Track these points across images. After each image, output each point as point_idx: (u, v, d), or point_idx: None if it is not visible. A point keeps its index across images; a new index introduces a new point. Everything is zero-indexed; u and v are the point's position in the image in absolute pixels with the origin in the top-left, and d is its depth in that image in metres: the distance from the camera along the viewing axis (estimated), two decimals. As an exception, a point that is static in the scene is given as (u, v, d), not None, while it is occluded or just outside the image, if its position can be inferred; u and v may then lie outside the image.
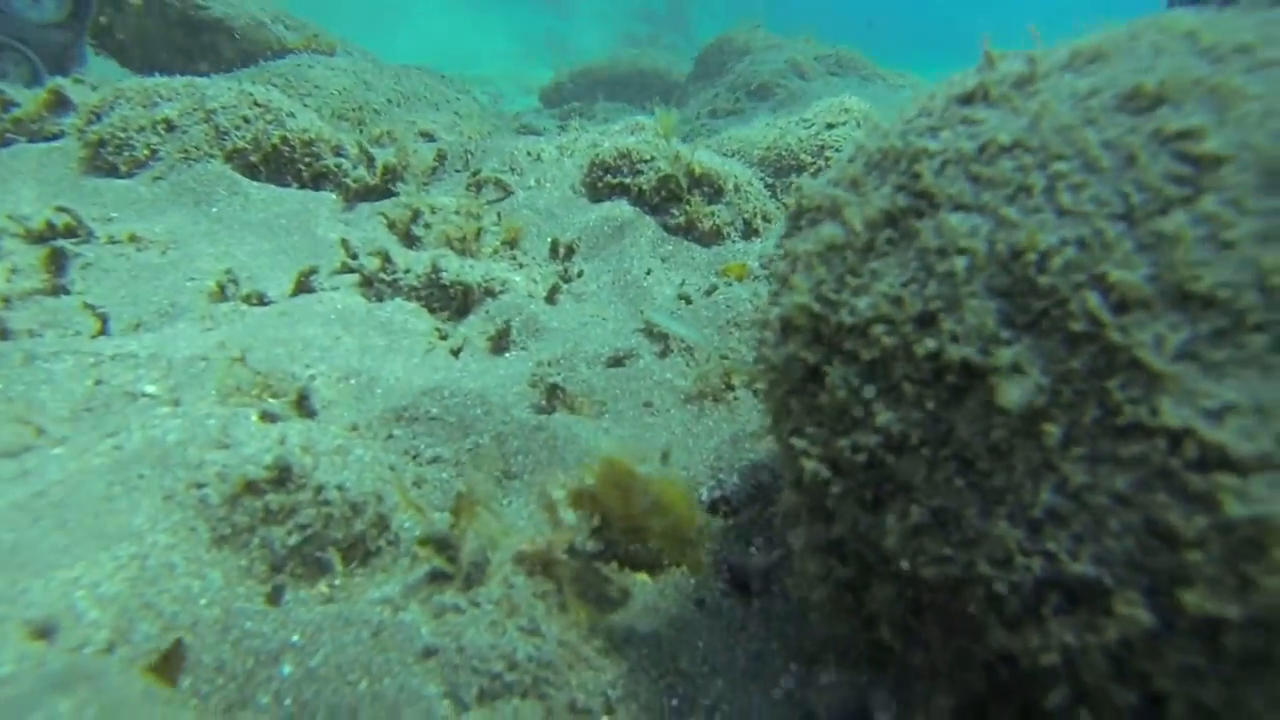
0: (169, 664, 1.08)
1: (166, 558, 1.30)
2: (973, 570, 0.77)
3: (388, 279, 2.48)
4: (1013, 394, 0.74)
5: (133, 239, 2.69)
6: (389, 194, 3.17)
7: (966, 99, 1.01)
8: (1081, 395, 0.74)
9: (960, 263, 0.84)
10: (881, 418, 0.85)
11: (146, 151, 3.04)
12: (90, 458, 1.52)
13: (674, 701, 1.11)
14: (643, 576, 1.41)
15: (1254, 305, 0.70)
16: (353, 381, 2.03)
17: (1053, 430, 0.74)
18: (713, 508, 1.57)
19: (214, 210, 2.97)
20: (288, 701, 1.15)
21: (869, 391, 0.88)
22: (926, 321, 0.85)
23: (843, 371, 0.91)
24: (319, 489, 1.45)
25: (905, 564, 0.81)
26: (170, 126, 3.09)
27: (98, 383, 1.86)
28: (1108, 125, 0.84)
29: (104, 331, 2.22)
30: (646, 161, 3.00)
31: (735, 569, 1.43)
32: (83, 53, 5.06)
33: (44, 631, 1.07)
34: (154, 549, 1.31)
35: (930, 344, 0.83)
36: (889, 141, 1.03)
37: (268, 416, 1.67)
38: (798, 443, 0.93)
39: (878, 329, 0.88)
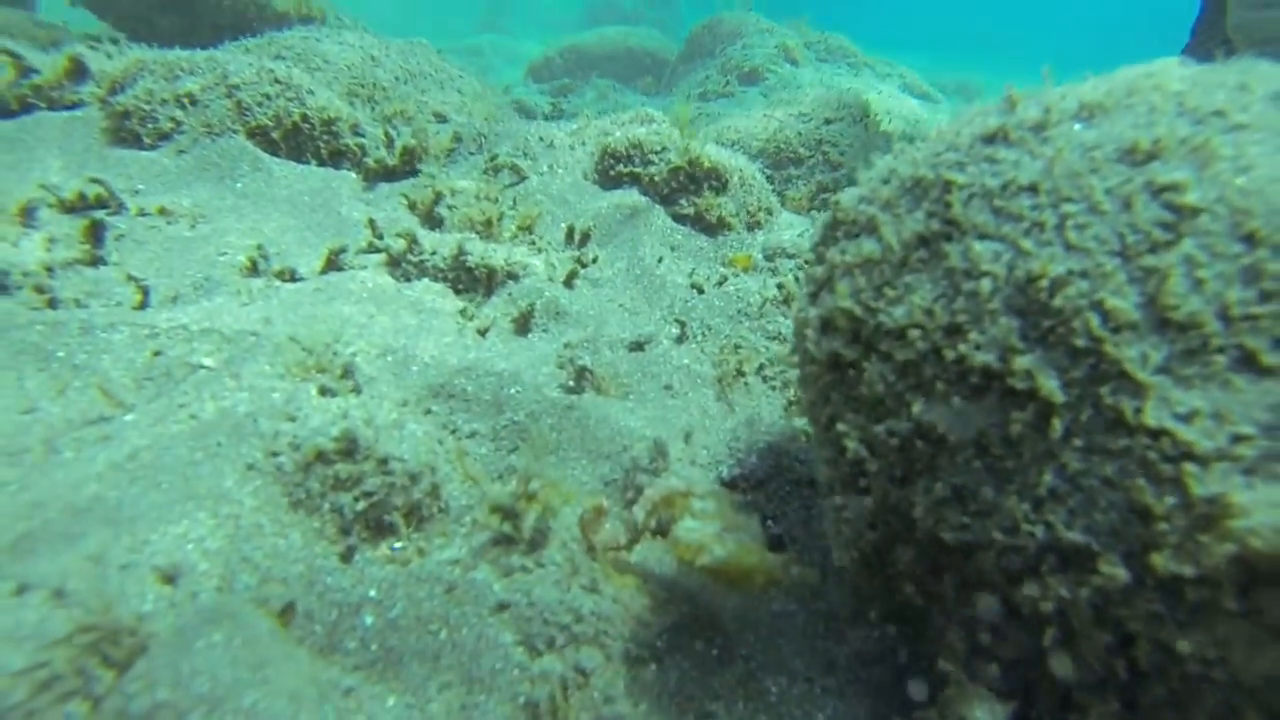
0: (286, 615, 1.23)
1: (255, 518, 1.45)
2: (986, 535, 0.95)
3: (415, 260, 2.60)
4: (1051, 386, 0.91)
5: (162, 211, 2.78)
6: (407, 175, 3.27)
7: (989, 138, 1.17)
8: (1080, 398, 0.92)
9: (985, 284, 1.01)
10: (915, 409, 1.02)
11: (170, 124, 3.11)
12: (169, 425, 1.65)
13: (714, 652, 1.29)
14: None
15: (1218, 332, 0.88)
16: (390, 358, 2.16)
17: (1058, 425, 0.92)
18: (732, 484, 1.75)
19: (238, 185, 3.06)
20: (374, 647, 1.31)
21: (902, 386, 1.05)
22: (954, 331, 1.02)
23: (880, 368, 1.08)
24: (383, 460, 1.60)
25: (929, 530, 0.99)
26: (193, 100, 3.16)
27: (156, 354, 1.98)
28: (1109, 174, 1.01)
29: (145, 303, 2.32)
30: (658, 152, 3.14)
31: (756, 538, 1.61)
32: None
33: (170, 578, 1.22)
34: (243, 510, 1.45)
35: (957, 350, 1.00)
36: (920, 171, 1.20)
37: (326, 391, 1.81)
38: (840, 427, 1.10)
39: (912, 334, 1.05)
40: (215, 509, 1.41)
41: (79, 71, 3.24)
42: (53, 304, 2.18)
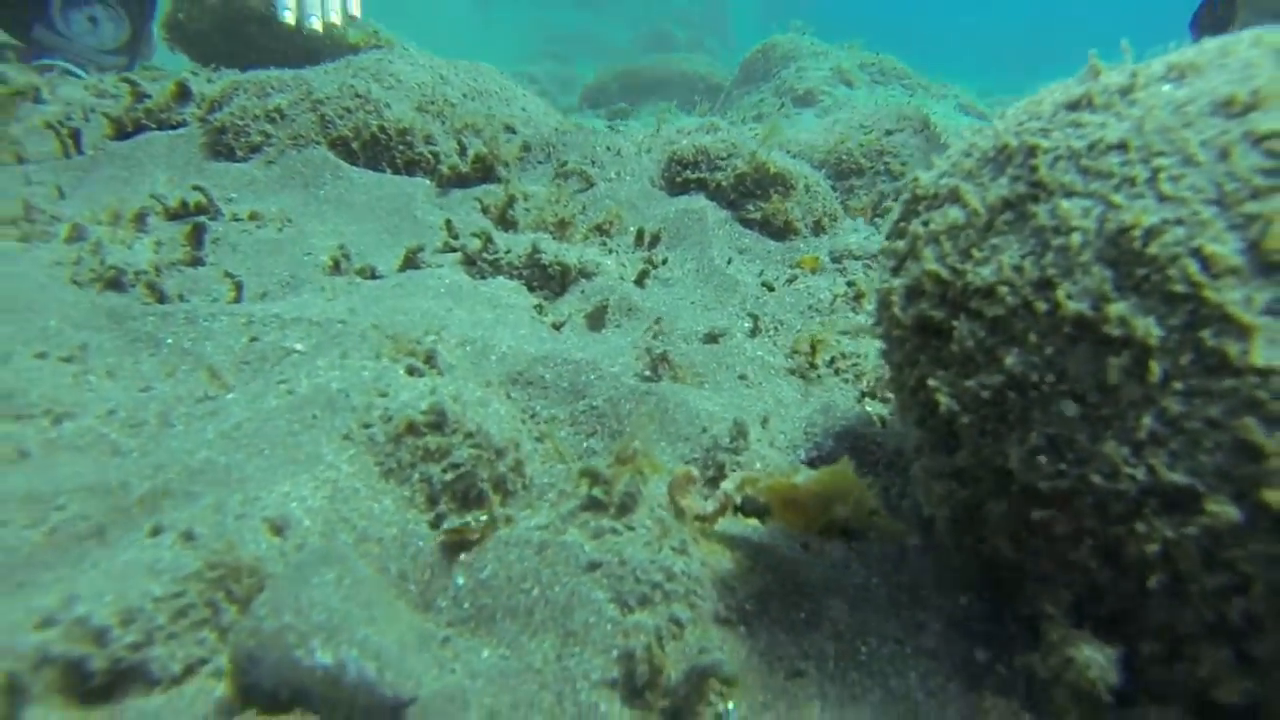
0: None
1: (351, 483, 1.52)
2: (1085, 482, 0.95)
3: (489, 258, 2.69)
4: (1147, 327, 0.92)
5: (253, 216, 2.94)
6: (480, 181, 3.39)
7: (1073, 105, 1.19)
8: (1180, 343, 0.92)
9: (1075, 238, 1.02)
10: (1008, 361, 1.03)
11: (260, 137, 3.30)
12: (268, 399, 1.75)
13: (801, 615, 1.30)
14: (753, 521, 1.60)
15: (1326, 273, 0.88)
16: (468, 348, 2.24)
17: (1155, 369, 0.92)
18: (810, 466, 1.76)
19: (321, 192, 3.22)
20: (466, 605, 1.36)
21: (993, 341, 1.06)
22: (1044, 285, 1.04)
23: (970, 325, 1.10)
24: (470, 433, 1.66)
25: (1024, 480, 1.00)
26: (281, 115, 3.34)
27: (252, 340, 2.10)
28: (1204, 127, 1.02)
29: (239, 298, 2.46)
30: (724, 159, 3.20)
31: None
32: (150, 49, 5.34)
33: (278, 529, 1.29)
34: (340, 475, 1.52)
35: (1050, 301, 1.01)
36: (1003, 140, 1.22)
37: (413, 371, 1.89)
38: (932, 383, 1.12)
39: (1002, 290, 1.07)
40: (314, 472, 1.48)
41: (183, 94, 3.46)
42: (161, 299, 2.33)
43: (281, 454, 1.56)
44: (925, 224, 1.26)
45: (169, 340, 2.11)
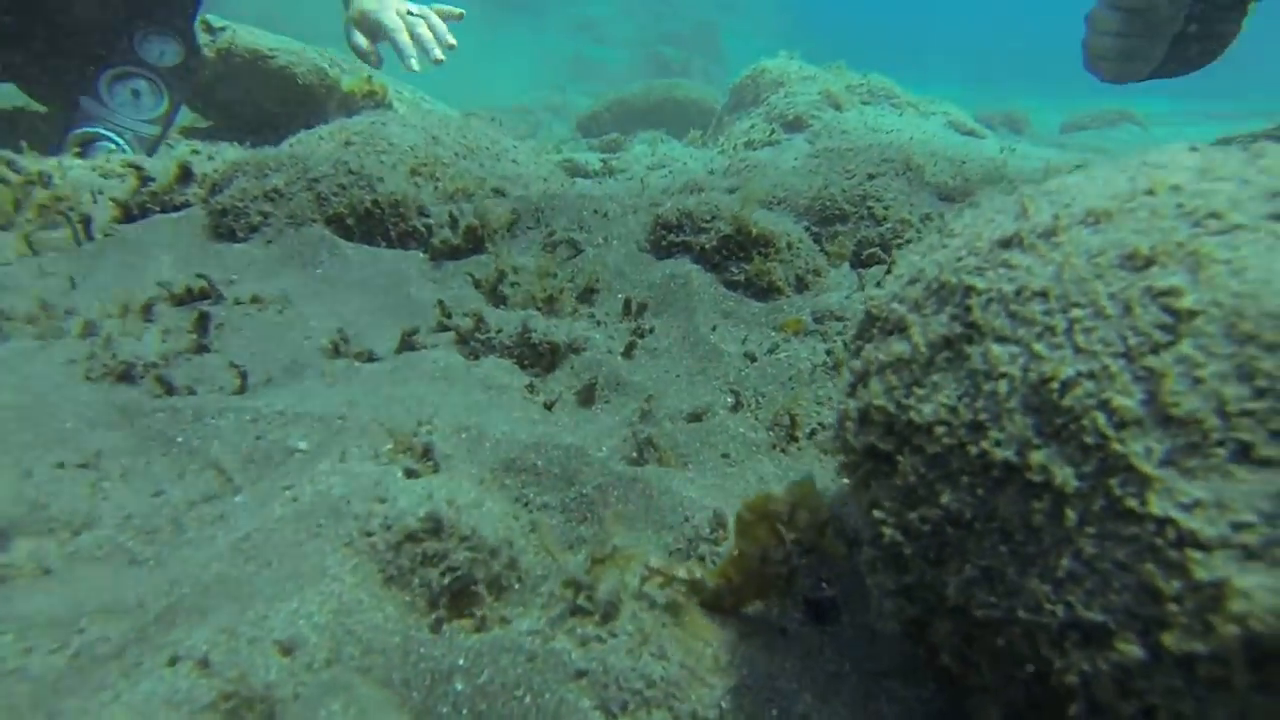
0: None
1: (355, 594, 1.62)
2: (1013, 614, 1.05)
3: (482, 338, 2.81)
4: (1065, 476, 1.02)
5: (255, 299, 3.06)
6: (471, 252, 3.51)
7: (1005, 244, 1.30)
8: (1093, 489, 1.03)
9: (1003, 385, 1.13)
10: (944, 498, 1.14)
11: (259, 218, 3.43)
12: (274, 507, 1.86)
13: (774, 712, 1.40)
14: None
15: (1217, 426, 0.98)
16: (464, 435, 2.34)
17: (1072, 515, 1.02)
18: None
19: (319, 271, 3.35)
20: (465, 711, 1.46)
21: (933, 477, 1.17)
22: (976, 428, 1.14)
23: (912, 460, 1.20)
24: (465, 537, 1.77)
25: (961, 607, 1.10)
26: (279, 194, 3.47)
27: (257, 438, 2.21)
28: (1113, 280, 1.13)
29: (244, 387, 2.57)
30: (708, 221, 3.32)
31: (811, 602, 1.72)
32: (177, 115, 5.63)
33: (288, 650, 1.39)
34: (345, 586, 1.63)
35: (980, 446, 1.12)
36: (944, 275, 1.33)
37: (410, 473, 1.99)
38: (877, 514, 1.22)
39: (939, 430, 1.17)
40: (320, 586, 1.59)
41: (186, 176, 3.60)
42: (170, 390, 2.44)
43: (289, 566, 1.66)
44: (877, 350, 1.36)
45: (179, 439, 2.22)
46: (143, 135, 5.32)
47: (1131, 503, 0.99)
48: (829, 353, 2.54)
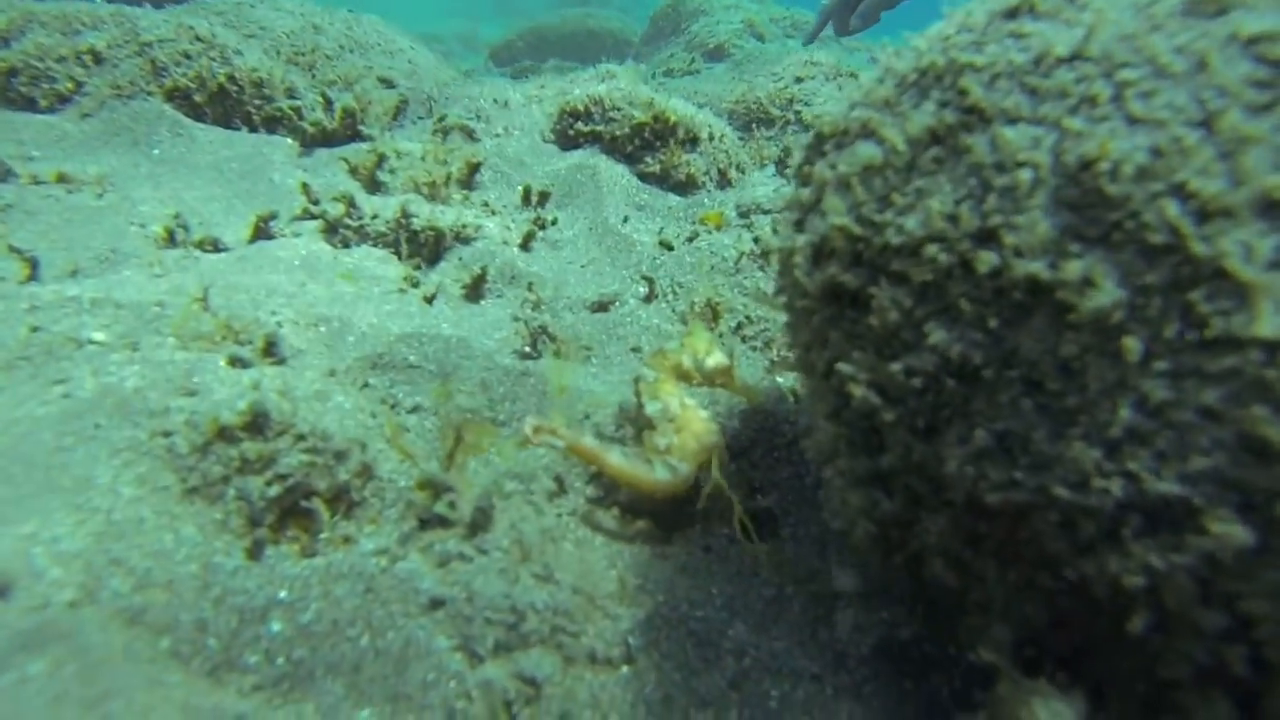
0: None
1: (134, 511, 1.19)
2: (1045, 494, 0.73)
3: (354, 225, 2.34)
4: (1118, 294, 0.69)
5: (61, 179, 2.48)
6: (349, 140, 3.00)
7: (1011, 13, 0.95)
8: (1163, 309, 0.70)
9: (1024, 175, 0.79)
10: (937, 339, 0.80)
11: (71, 85, 2.80)
12: (34, 407, 1.39)
13: (697, 648, 1.06)
14: (644, 524, 1.36)
15: (1344, 212, 0.67)
16: (323, 329, 1.90)
17: (1133, 346, 0.70)
18: (712, 454, 1.52)
19: (155, 152, 2.77)
20: (280, 660, 1.07)
21: (923, 313, 0.83)
22: (986, 237, 0.80)
23: (892, 293, 0.86)
24: (301, 435, 1.35)
25: (967, 490, 0.77)
26: (98, 58, 2.85)
27: (34, 329, 1.70)
28: (1176, 30, 0.80)
29: (34, 277, 2.04)
30: (619, 109, 2.90)
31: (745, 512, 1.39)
32: None
33: (2, 590, 0.96)
34: (119, 502, 1.19)
35: (992, 259, 0.78)
36: (927, 59, 0.97)
37: (237, 361, 1.55)
38: (844, 368, 0.88)
39: (931, 248, 0.83)
40: (80, 502, 1.15)
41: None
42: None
43: (39, 479, 1.21)
44: (832, 166, 1.01)
45: (-71, 332, 1.69)
46: None
47: (1224, 324, 0.68)
48: (756, 240, 2.20)
